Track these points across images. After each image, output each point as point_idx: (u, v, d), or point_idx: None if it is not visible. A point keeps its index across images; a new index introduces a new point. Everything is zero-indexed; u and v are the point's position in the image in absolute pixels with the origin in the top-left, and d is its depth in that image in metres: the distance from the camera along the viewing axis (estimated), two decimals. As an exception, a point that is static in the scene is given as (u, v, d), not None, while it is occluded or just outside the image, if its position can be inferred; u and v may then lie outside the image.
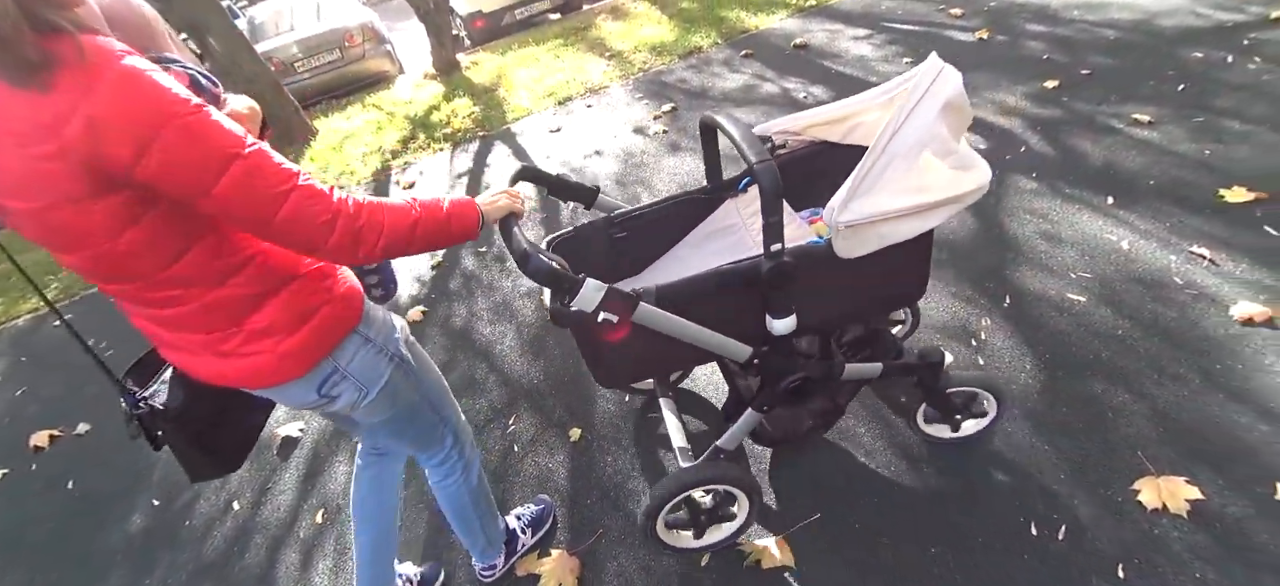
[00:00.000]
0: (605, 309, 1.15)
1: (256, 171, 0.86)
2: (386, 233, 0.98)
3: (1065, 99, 3.33)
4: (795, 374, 1.44)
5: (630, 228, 1.67)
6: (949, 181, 1.20)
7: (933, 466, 1.78)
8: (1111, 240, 2.34)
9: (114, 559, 2.29)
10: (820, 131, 1.60)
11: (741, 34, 5.70)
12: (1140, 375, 1.85)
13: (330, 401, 1.14)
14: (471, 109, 5.58)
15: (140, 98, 0.78)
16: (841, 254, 1.22)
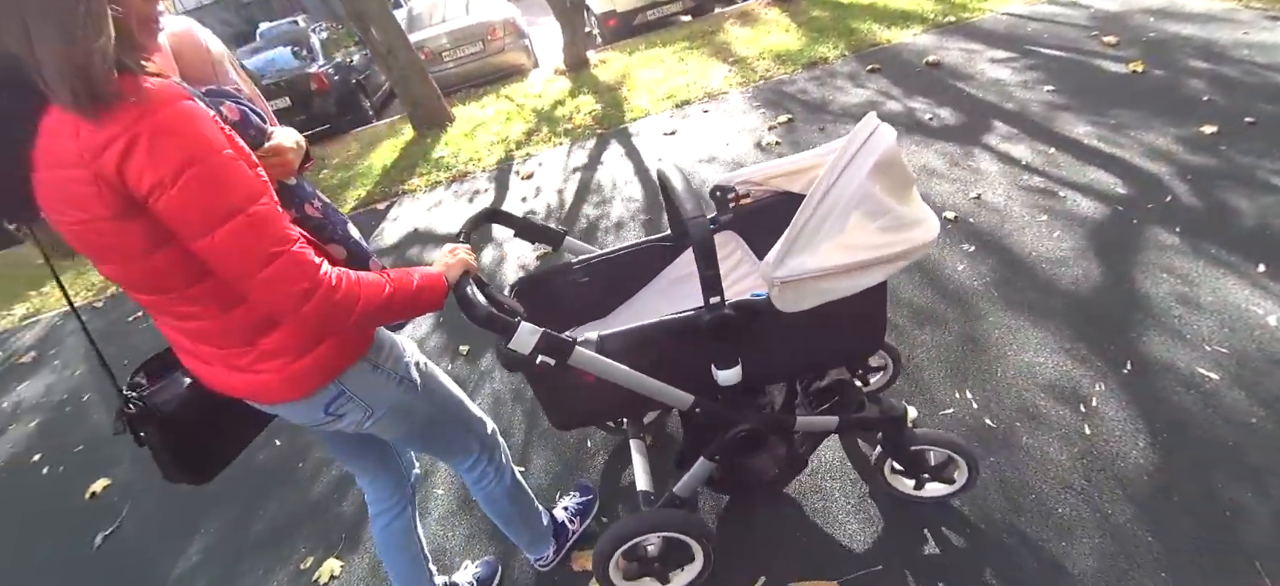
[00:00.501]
0: (542, 352, 1.16)
1: (254, 229, 0.91)
2: (360, 308, 1.01)
3: (1223, 147, 2.96)
4: (742, 425, 1.45)
5: (593, 273, 1.72)
6: (884, 241, 1.19)
7: (1014, 537, 1.67)
8: (1258, 313, 2.07)
9: (238, 486, 2.56)
10: (781, 182, 1.61)
11: (871, 47, 5.50)
12: (1272, 474, 1.64)
13: (336, 420, 1.20)
14: (593, 106, 5.80)
15: (178, 140, 0.85)
16: (781, 308, 1.22)
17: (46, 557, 2.60)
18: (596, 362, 1.23)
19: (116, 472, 2.92)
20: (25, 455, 3.33)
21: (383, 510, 1.54)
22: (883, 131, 1.23)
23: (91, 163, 0.82)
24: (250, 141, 1.02)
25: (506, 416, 2.56)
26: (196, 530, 2.47)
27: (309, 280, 0.95)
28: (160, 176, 0.84)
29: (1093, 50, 4.35)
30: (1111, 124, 3.38)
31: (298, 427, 2.35)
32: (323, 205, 1.22)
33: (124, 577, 2.40)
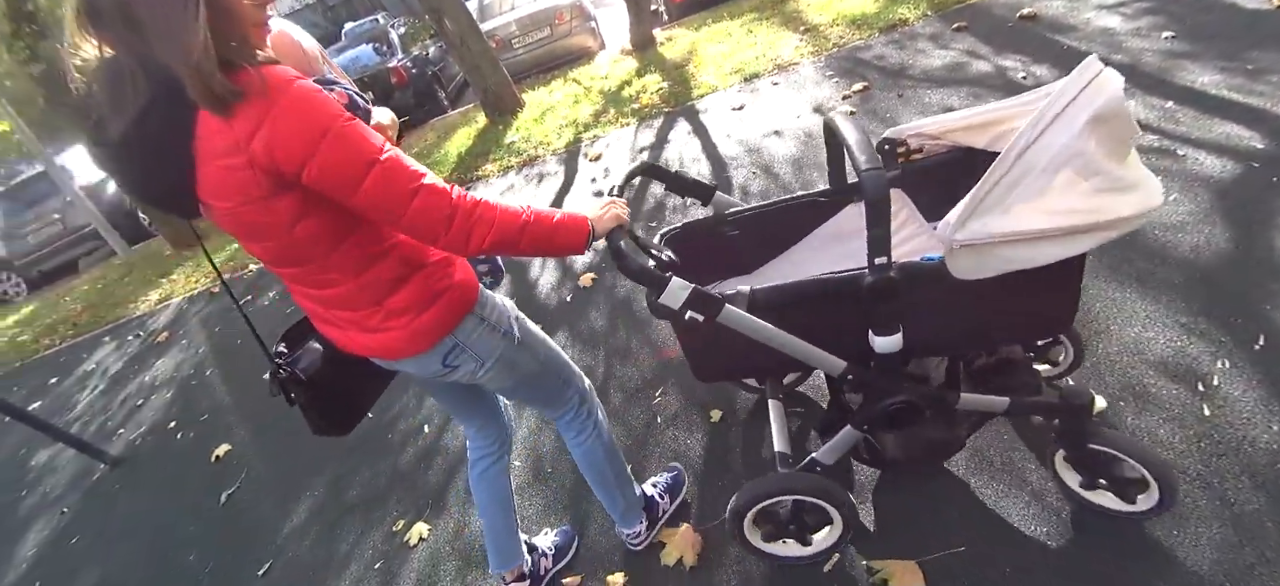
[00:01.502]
0: (691, 308, 1.16)
1: (392, 172, 1.02)
2: (495, 230, 1.11)
3: (1403, 86, 2.53)
4: (897, 396, 1.32)
5: (743, 226, 1.66)
6: (1095, 206, 1.03)
7: (1115, 522, 1.51)
8: None
9: (336, 454, 2.84)
10: (962, 136, 1.43)
11: (957, 4, 5.11)
12: None
13: (452, 371, 1.32)
14: (660, 85, 5.72)
15: (308, 116, 0.96)
16: (957, 275, 1.10)
17: (183, 510, 3.01)
18: (746, 322, 1.21)
19: (237, 439, 3.32)
20: (164, 422, 3.88)
21: (483, 455, 1.67)
22: (1107, 77, 1.06)
23: (246, 149, 0.94)
24: None
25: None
26: (303, 492, 2.74)
27: (448, 204, 1.07)
28: (303, 151, 0.95)
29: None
30: (1247, 70, 2.96)
31: (406, 388, 2.44)
32: None
33: (245, 528, 2.72)
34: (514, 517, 1.75)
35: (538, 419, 2.51)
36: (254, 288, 5.23)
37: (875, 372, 1.30)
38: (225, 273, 5.93)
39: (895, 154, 1.55)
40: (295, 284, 1.19)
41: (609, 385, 2.55)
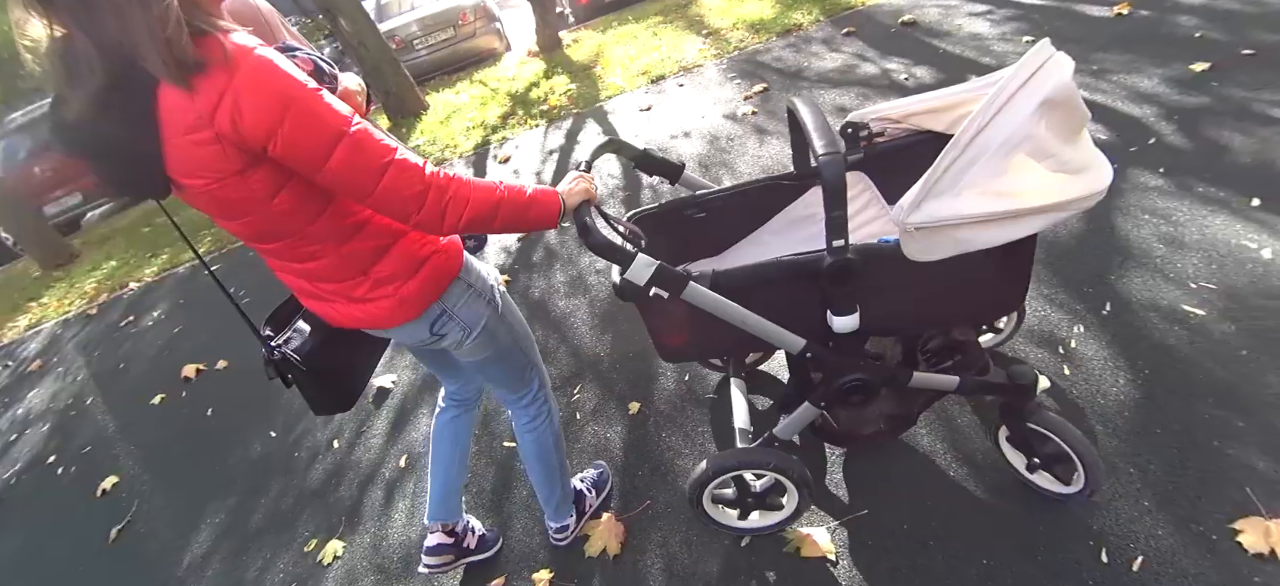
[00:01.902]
0: (656, 285, 1.18)
1: (360, 147, 0.99)
2: (471, 208, 1.09)
3: (1215, 84, 2.93)
4: (853, 375, 1.38)
5: (709, 209, 1.67)
6: (1047, 187, 1.06)
7: (997, 473, 1.67)
8: (1249, 247, 2.05)
9: (239, 477, 2.66)
10: (922, 120, 1.48)
11: (845, 10, 5.43)
12: (1264, 404, 1.63)
13: (440, 339, 1.32)
14: (568, 86, 5.72)
15: (270, 85, 0.92)
16: (911, 257, 1.14)
17: (65, 551, 2.71)
18: (709, 299, 1.22)
19: (125, 470, 3.03)
20: (41, 457, 3.49)
21: (453, 403, 1.71)
22: (1057, 61, 1.08)
23: (211, 123, 0.90)
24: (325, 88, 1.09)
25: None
26: (203, 521, 2.54)
27: (420, 182, 1.03)
28: (268, 123, 0.92)
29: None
30: (1093, 70, 3.34)
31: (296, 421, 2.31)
32: None
33: (139, 565, 2.49)
34: (463, 474, 1.79)
35: (454, 425, 2.46)
36: (136, 309, 4.77)
37: (832, 351, 1.35)
38: (104, 294, 5.39)
39: (858, 138, 1.57)
40: (278, 259, 1.16)
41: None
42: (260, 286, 4.15)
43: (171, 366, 3.60)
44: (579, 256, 3.25)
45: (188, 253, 5.23)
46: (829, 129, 1.12)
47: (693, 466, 1.97)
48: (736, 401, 1.73)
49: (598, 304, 2.85)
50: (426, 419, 2.55)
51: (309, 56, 1.21)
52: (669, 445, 2.08)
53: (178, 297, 4.59)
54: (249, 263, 4.69)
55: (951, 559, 1.54)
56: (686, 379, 2.29)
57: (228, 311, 1.47)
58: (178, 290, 4.72)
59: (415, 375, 2.81)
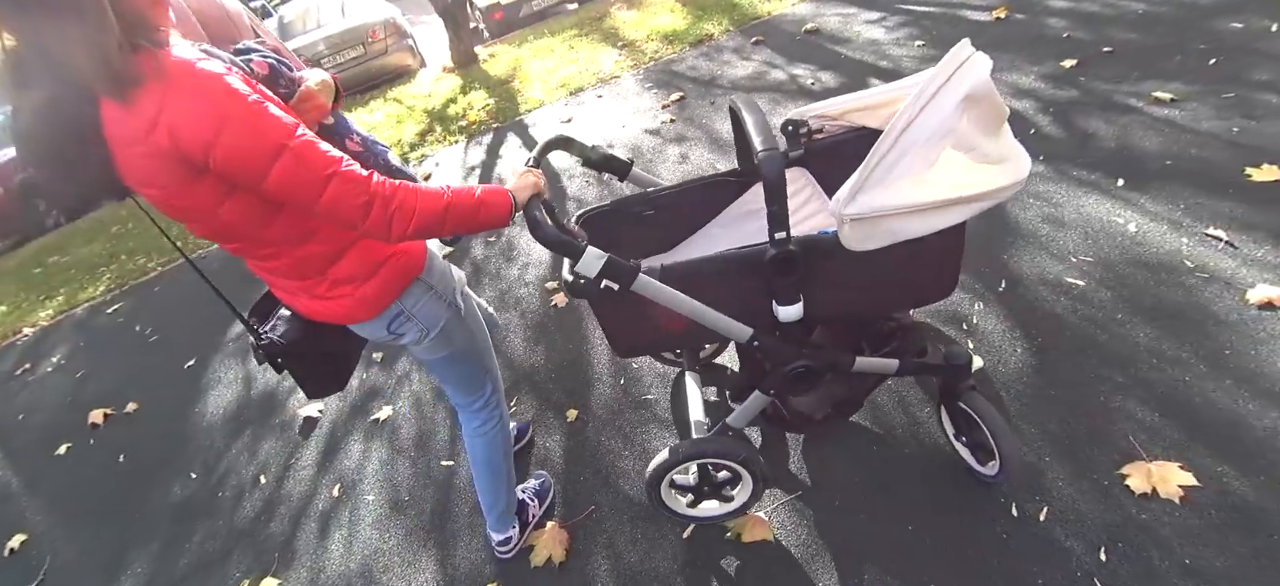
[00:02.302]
0: (606, 277, 1.20)
1: (302, 160, 0.99)
2: (418, 217, 1.09)
3: (1082, 78, 3.25)
4: (798, 362, 1.44)
5: (659, 206, 1.69)
6: (971, 178, 1.12)
7: (917, 442, 1.79)
8: (1118, 223, 2.30)
9: (159, 523, 2.47)
10: (858, 117, 1.56)
11: (754, 21, 5.65)
12: (1137, 359, 1.83)
13: (398, 338, 1.35)
14: (487, 101, 5.66)
15: (205, 102, 0.92)
16: (849, 247, 1.19)
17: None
18: (658, 290, 1.23)
19: (33, 526, 2.74)
20: None
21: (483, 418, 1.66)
22: (976, 60, 1.13)
23: (147, 139, 0.92)
24: (282, 92, 1.13)
25: (429, 416, 2.47)
26: (123, 571, 2.35)
27: (365, 192, 1.03)
28: (205, 136, 0.92)
29: (958, 2, 4.66)
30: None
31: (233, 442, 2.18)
32: (361, 138, 1.33)
33: None
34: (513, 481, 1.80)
35: (390, 448, 2.38)
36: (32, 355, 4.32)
37: (779, 340, 1.40)
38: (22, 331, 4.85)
39: (798, 135, 1.62)
40: (242, 256, 1.17)
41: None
42: (168, 324, 3.90)
43: (77, 413, 3.30)
44: (508, 268, 3.22)
45: (86, 292, 4.84)
46: (768, 127, 1.18)
47: (633, 466, 2.01)
48: (691, 394, 1.77)
49: (529, 315, 2.84)
50: (359, 444, 2.46)
51: (266, 58, 1.19)
52: (609, 449, 2.10)
53: (78, 340, 4.21)
54: (155, 299, 4.37)
55: (882, 527, 1.64)
56: (622, 382, 2.32)
57: (136, 350, 1.39)
58: (77, 332, 4.32)
59: (343, 401, 2.71)
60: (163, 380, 3.34)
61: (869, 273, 1.30)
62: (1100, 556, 1.44)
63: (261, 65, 1.15)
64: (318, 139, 1.02)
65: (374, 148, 1.39)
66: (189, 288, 4.39)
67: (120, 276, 4.89)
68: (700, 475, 1.66)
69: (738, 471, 1.63)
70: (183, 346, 3.52)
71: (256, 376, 3.08)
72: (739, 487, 1.68)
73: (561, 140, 1.53)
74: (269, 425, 2.73)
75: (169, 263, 4.84)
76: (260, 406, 2.87)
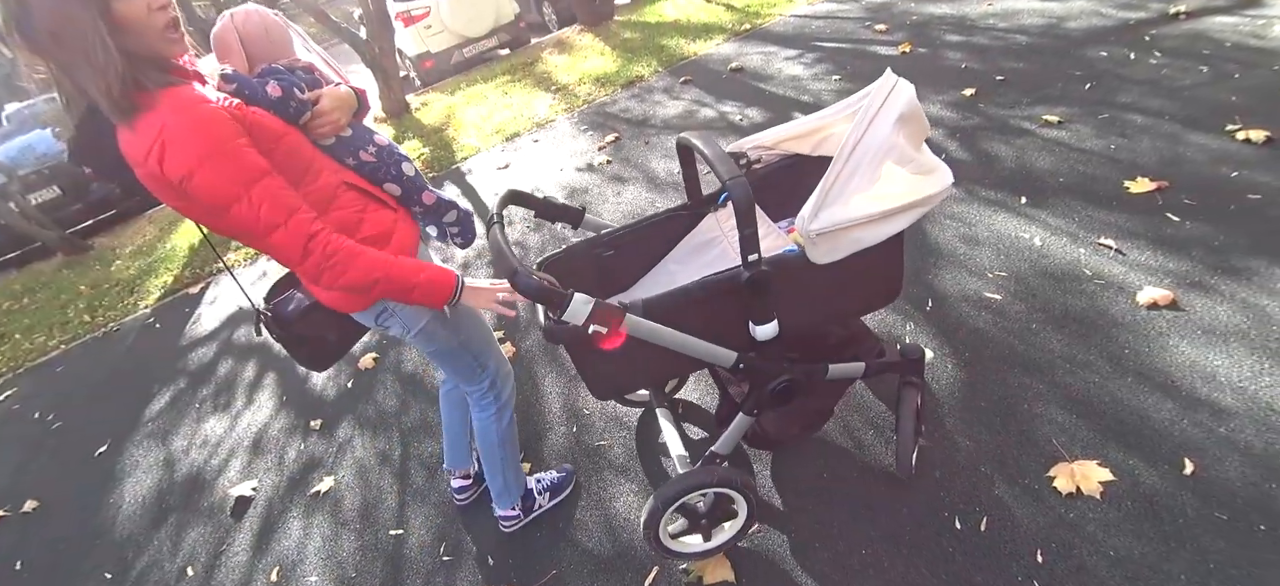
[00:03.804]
0: (594, 321, 1.21)
1: (257, 206, 1.15)
2: (348, 275, 1.24)
3: (981, 105, 3.52)
4: (781, 377, 1.49)
5: (618, 246, 1.75)
6: (911, 187, 1.28)
7: (858, 470, 1.85)
8: (1025, 238, 2.48)
9: None
10: (791, 145, 1.68)
11: (681, 61, 5.85)
12: (1053, 365, 1.96)
13: (386, 329, 1.51)
14: (422, 151, 5.61)
15: (192, 139, 1.09)
16: (816, 260, 1.31)
17: None
18: (647, 328, 1.26)
19: None
20: None
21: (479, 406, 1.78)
22: (902, 85, 1.30)
23: (144, 162, 1.10)
24: (292, 114, 1.27)
25: (375, 482, 2.37)
26: None
27: (303, 248, 1.19)
28: (185, 169, 1.09)
29: (868, 39, 4.97)
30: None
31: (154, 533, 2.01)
32: (377, 148, 1.43)
33: None
34: (469, 429, 1.96)
35: (333, 522, 2.27)
36: None
37: (757, 359, 1.44)
38: None
39: (739, 166, 1.70)
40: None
41: (409, 465, 2.41)
42: (73, 408, 3.61)
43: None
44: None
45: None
46: (728, 157, 1.26)
47: (591, 517, 1.99)
48: (667, 431, 1.79)
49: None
50: (298, 521, 2.34)
51: (281, 81, 1.29)
52: (563, 502, 2.07)
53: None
54: (57, 382, 4.05)
55: (836, 556, 1.68)
56: (574, 429, 2.31)
57: (35, 440, 1.34)
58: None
59: (279, 477, 2.57)
60: (68, 471, 3.09)
61: (832, 284, 1.40)
62: (1037, 558, 1.52)
63: (275, 89, 1.26)
64: (281, 191, 1.18)
65: (390, 157, 1.45)
66: (99, 364, 4.10)
67: (14, 358, 4.51)
68: (685, 513, 1.67)
69: (735, 498, 1.64)
70: (91, 431, 3.28)
71: (180, 457, 2.89)
72: (735, 506, 1.69)
73: (514, 195, 1.56)
74: (196, 510, 2.55)
75: (73, 338, 4.51)
76: (186, 491, 2.69)
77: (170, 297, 4.70)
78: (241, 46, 1.38)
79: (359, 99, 1.47)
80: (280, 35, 1.43)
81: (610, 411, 2.31)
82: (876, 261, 1.37)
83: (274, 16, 1.43)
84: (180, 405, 3.29)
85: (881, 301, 1.64)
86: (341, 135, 1.40)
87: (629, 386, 1.85)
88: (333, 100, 1.37)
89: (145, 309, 4.71)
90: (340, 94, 1.40)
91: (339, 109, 1.38)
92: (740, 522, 1.71)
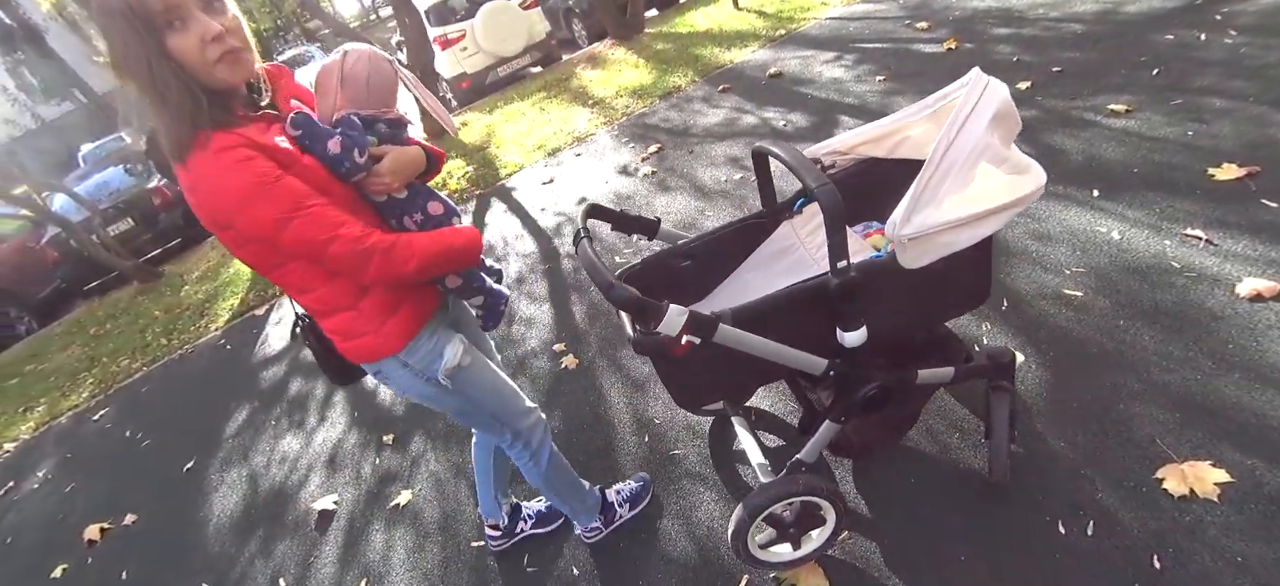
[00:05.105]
0: (687, 331, 1.22)
1: (310, 224, 1.17)
2: (416, 262, 1.27)
3: (1039, 98, 3.44)
4: (870, 384, 1.47)
5: (694, 255, 1.75)
6: (1005, 187, 1.27)
7: (951, 474, 1.81)
8: (1102, 232, 2.41)
9: None
10: (867, 149, 1.67)
11: (717, 69, 5.86)
12: (1148, 363, 1.90)
13: (381, 383, 1.55)
14: (465, 169, 5.71)
15: (226, 191, 1.11)
16: (906, 265, 1.29)
17: None
18: (740, 337, 1.26)
19: None
20: None
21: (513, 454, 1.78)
22: (995, 85, 1.28)
23: (189, 195, 1.14)
24: (344, 174, 1.27)
25: (452, 495, 2.42)
26: None
27: (363, 250, 1.21)
28: (225, 218, 1.14)
29: (909, 38, 4.91)
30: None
31: None
32: (424, 218, 1.39)
33: None
34: (503, 477, 2.00)
35: (415, 534, 2.31)
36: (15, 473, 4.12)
37: (845, 366, 1.43)
38: None
39: None
40: None
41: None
42: (160, 426, 3.76)
43: (70, 531, 3.14)
44: (510, 336, 3.21)
45: (69, 400, 4.67)
46: (811, 164, 1.26)
47: (673, 526, 1.98)
48: (746, 440, 1.77)
49: (540, 381, 2.82)
50: (381, 533, 2.39)
51: (350, 140, 1.26)
52: (645, 512, 2.06)
53: (64, 452, 4.03)
54: (143, 401, 4.21)
55: (933, 560, 1.64)
56: (647, 439, 2.31)
57: (124, 457, 1.40)
58: (62, 444, 4.15)
59: (358, 490, 2.63)
60: (160, 487, 3.22)
61: (920, 289, 1.39)
62: (1154, 563, 1.46)
63: (336, 145, 1.25)
64: (326, 207, 1.19)
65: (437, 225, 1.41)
66: (179, 384, 4.26)
67: (103, 380, 4.74)
68: (774, 524, 1.65)
69: (822, 506, 1.63)
70: (178, 449, 3.41)
71: (262, 473, 2.99)
72: (823, 512, 1.67)
73: (594, 208, 1.59)
74: (282, 524, 2.63)
75: (154, 361, 4.71)
76: (270, 505, 2.77)
77: (238, 320, 4.89)
78: (339, 88, 1.34)
79: (431, 160, 1.45)
80: (382, 83, 1.38)
81: (682, 419, 2.31)
82: (965, 265, 1.36)
83: (387, 61, 1.40)
84: (257, 423, 3.40)
85: (970, 305, 1.64)
86: (394, 195, 1.37)
87: (715, 396, 1.85)
88: (394, 163, 1.33)
89: (216, 331, 4.90)
90: (406, 156, 1.37)
91: (397, 173, 1.34)
92: (829, 530, 1.69)
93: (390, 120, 1.38)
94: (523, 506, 2.12)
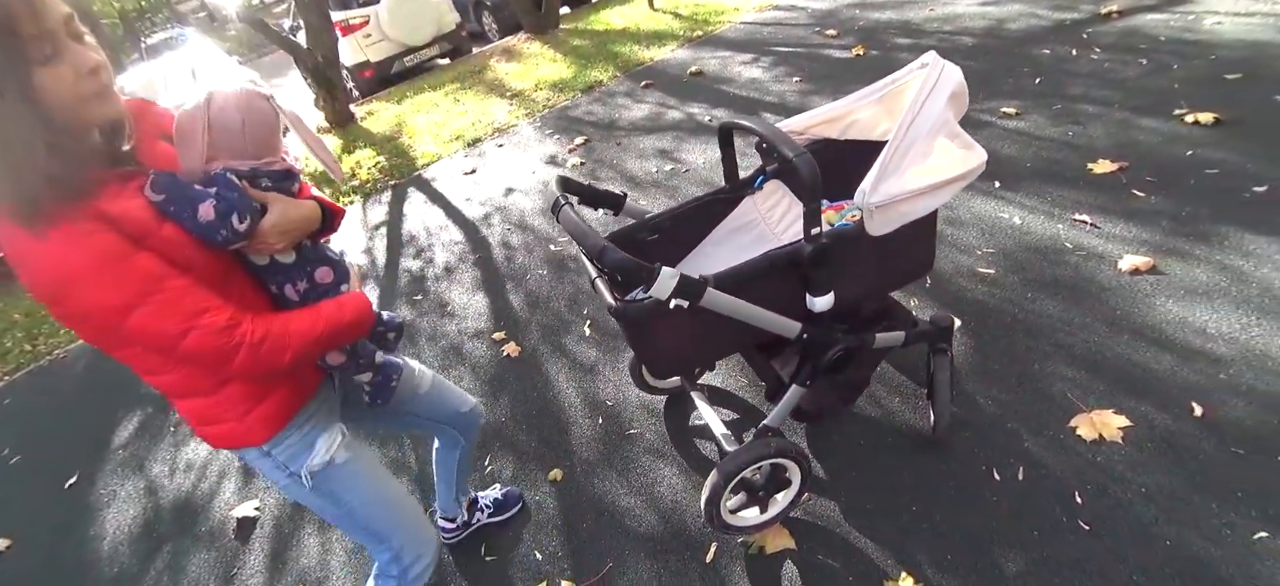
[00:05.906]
0: (677, 295, 1.24)
1: (162, 314, 0.97)
2: (293, 351, 1.09)
3: (941, 101, 3.75)
4: (836, 347, 1.56)
5: (661, 229, 1.79)
6: (959, 160, 1.38)
7: (897, 434, 1.95)
8: (1005, 218, 2.67)
9: None
10: (821, 129, 1.77)
11: (638, 66, 5.93)
12: (1053, 328, 2.13)
13: None
14: (376, 159, 5.43)
15: (55, 269, 0.91)
16: (872, 232, 1.38)
17: None
18: (725, 301, 1.29)
19: None
20: None
21: (440, 443, 1.80)
22: (950, 67, 1.40)
23: (11, 264, 0.94)
24: (219, 243, 1.04)
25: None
26: None
27: (227, 344, 1.01)
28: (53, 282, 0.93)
29: (820, 43, 5.20)
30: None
31: None
32: (309, 287, 1.20)
33: None
34: (464, 478, 1.91)
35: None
36: None
37: (813, 330, 1.49)
38: None
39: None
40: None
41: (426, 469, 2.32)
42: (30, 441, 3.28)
43: None
44: (446, 324, 3.08)
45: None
46: (788, 136, 1.32)
47: (636, 504, 1.99)
48: (707, 413, 1.82)
49: (481, 370, 2.74)
50: (313, 536, 2.22)
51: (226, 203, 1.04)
52: (606, 491, 2.06)
53: None
54: (6, 415, 3.66)
55: (887, 515, 1.76)
56: (600, 422, 2.30)
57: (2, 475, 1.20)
58: None
59: (281, 494, 2.42)
60: (38, 507, 2.82)
61: (881, 257, 1.49)
62: (1077, 499, 1.65)
63: (208, 211, 1.02)
64: (185, 290, 0.99)
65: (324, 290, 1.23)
66: (50, 394, 3.73)
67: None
68: (745, 488, 1.70)
69: (789, 467, 1.69)
70: (56, 463, 2.99)
71: (164, 483, 2.68)
72: (788, 474, 1.73)
73: (564, 181, 1.58)
74: (194, 536, 2.37)
75: (16, 369, 4.09)
76: (178, 517, 2.49)
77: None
78: (204, 137, 1.07)
79: (328, 217, 1.25)
80: (260, 125, 1.12)
81: (636, 399, 2.32)
82: (918, 236, 1.48)
83: (263, 97, 1.13)
84: (152, 429, 3.04)
85: (920, 273, 1.77)
86: (278, 258, 1.17)
87: (689, 365, 1.88)
88: (282, 220, 1.12)
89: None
90: (297, 212, 1.15)
91: (285, 233, 1.13)
92: (794, 491, 1.76)
93: (275, 172, 1.14)
94: (480, 497, 2.04)
